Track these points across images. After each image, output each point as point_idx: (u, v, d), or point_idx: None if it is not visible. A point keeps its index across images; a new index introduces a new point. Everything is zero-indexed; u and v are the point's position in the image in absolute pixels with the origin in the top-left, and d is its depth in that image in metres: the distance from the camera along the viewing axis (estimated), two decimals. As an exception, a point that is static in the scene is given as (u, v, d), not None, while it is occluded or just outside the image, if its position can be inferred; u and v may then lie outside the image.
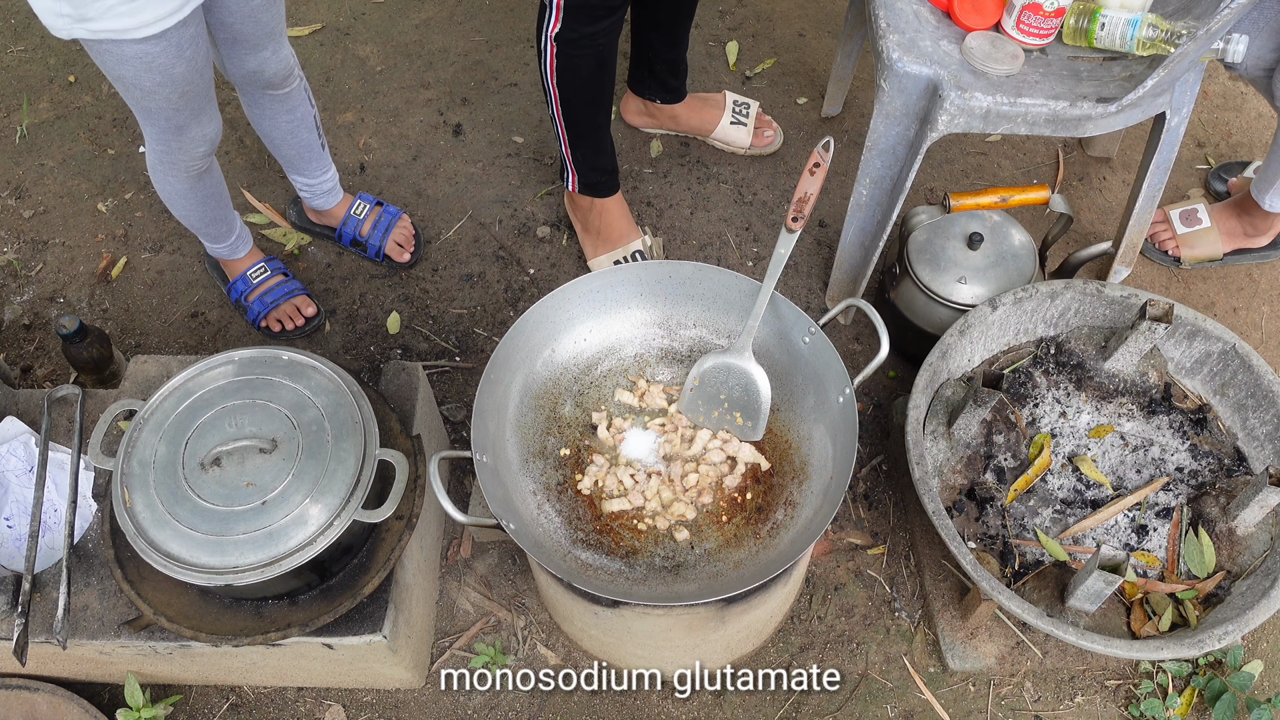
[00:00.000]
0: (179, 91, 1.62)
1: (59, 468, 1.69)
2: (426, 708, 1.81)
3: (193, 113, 1.69)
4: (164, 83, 1.58)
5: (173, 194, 1.90)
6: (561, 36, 1.77)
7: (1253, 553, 1.66)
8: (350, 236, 2.29)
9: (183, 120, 1.69)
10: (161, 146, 1.76)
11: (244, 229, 2.14)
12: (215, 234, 2.07)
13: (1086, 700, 1.79)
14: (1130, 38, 1.61)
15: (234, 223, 2.09)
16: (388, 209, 2.31)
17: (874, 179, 1.87)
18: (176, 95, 1.62)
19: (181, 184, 1.86)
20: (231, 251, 2.14)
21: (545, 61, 1.83)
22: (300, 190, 2.24)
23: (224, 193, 2.00)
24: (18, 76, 2.69)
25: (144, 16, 1.47)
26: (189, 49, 1.57)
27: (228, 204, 2.04)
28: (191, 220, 2.00)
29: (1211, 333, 1.77)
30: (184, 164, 1.80)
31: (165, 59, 1.54)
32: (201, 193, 1.91)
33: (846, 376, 1.45)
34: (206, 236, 2.08)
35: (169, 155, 1.78)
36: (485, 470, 1.41)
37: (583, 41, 1.77)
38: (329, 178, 2.22)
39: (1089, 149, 2.48)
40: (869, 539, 1.95)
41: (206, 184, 1.90)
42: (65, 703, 1.68)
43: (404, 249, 2.30)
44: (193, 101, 1.66)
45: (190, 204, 1.94)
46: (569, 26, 1.75)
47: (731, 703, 1.80)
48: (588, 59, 1.82)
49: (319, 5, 2.83)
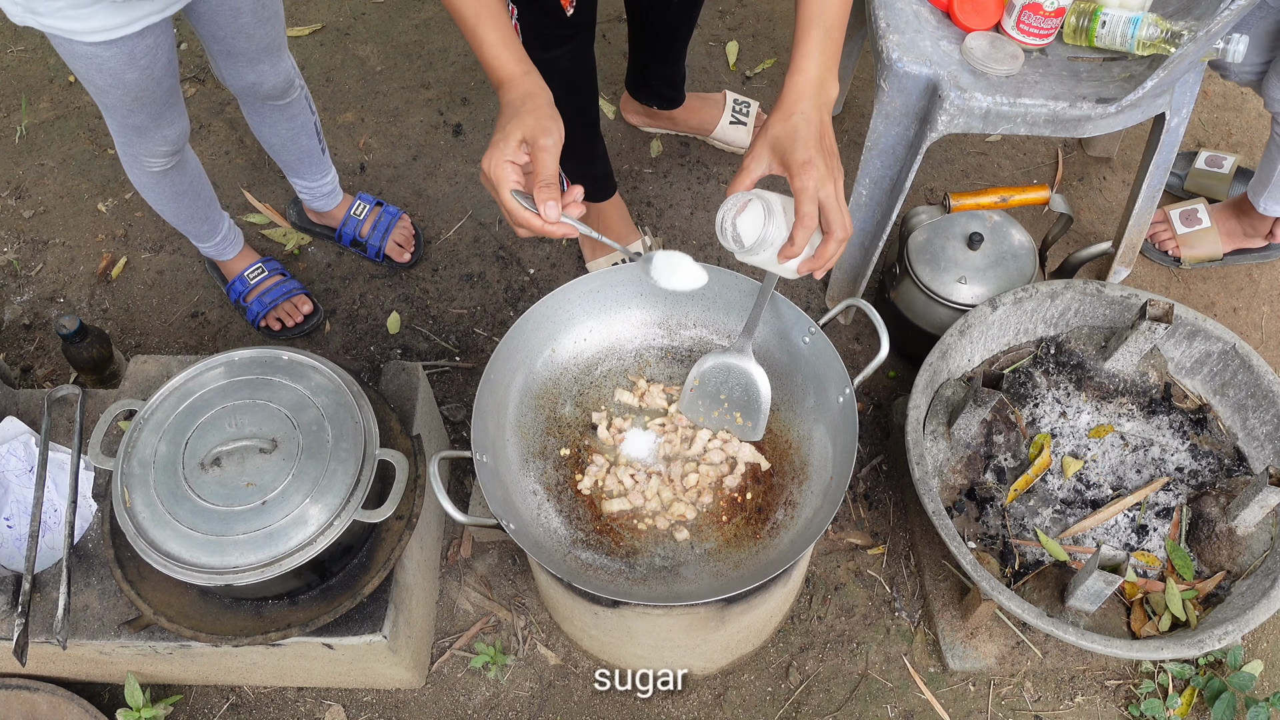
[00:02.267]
0: (132, 96, 1.60)
1: (59, 468, 1.69)
2: (426, 708, 1.81)
3: (150, 116, 1.67)
4: (115, 85, 1.57)
5: (141, 186, 1.90)
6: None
7: (1253, 553, 1.66)
8: (350, 237, 2.29)
9: (139, 122, 1.68)
10: (123, 140, 1.76)
11: (233, 231, 2.14)
12: (197, 233, 2.07)
13: (1086, 700, 1.79)
14: (1131, 37, 1.61)
15: (219, 224, 2.08)
16: (387, 209, 2.31)
17: (874, 179, 1.87)
18: (130, 99, 1.61)
19: (146, 178, 1.86)
20: (219, 252, 2.14)
21: None
22: (300, 192, 2.24)
23: (203, 191, 1.99)
24: (18, 76, 2.69)
25: (92, 24, 1.45)
26: (144, 59, 1.55)
27: (209, 203, 2.02)
28: (167, 215, 1.99)
29: (1211, 333, 1.77)
30: (145, 161, 1.80)
31: (115, 64, 1.53)
32: (171, 189, 1.90)
33: (846, 376, 1.45)
34: (189, 235, 2.08)
35: (129, 149, 1.78)
36: (485, 470, 1.41)
37: (546, 65, 1.76)
38: (328, 180, 2.22)
39: (1089, 149, 2.48)
40: (869, 539, 1.95)
41: (176, 181, 1.89)
42: (65, 703, 1.68)
43: (404, 249, 2.30)
44: (148, 107, 1.65)
45: (160, 199, 1.93)
46: (529, 49, 1.75)
47: (731, 703, 1.80)
48: (556, 83, 1.81)
49: (319, 5, 2.83)
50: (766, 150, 1.23)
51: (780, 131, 1.22)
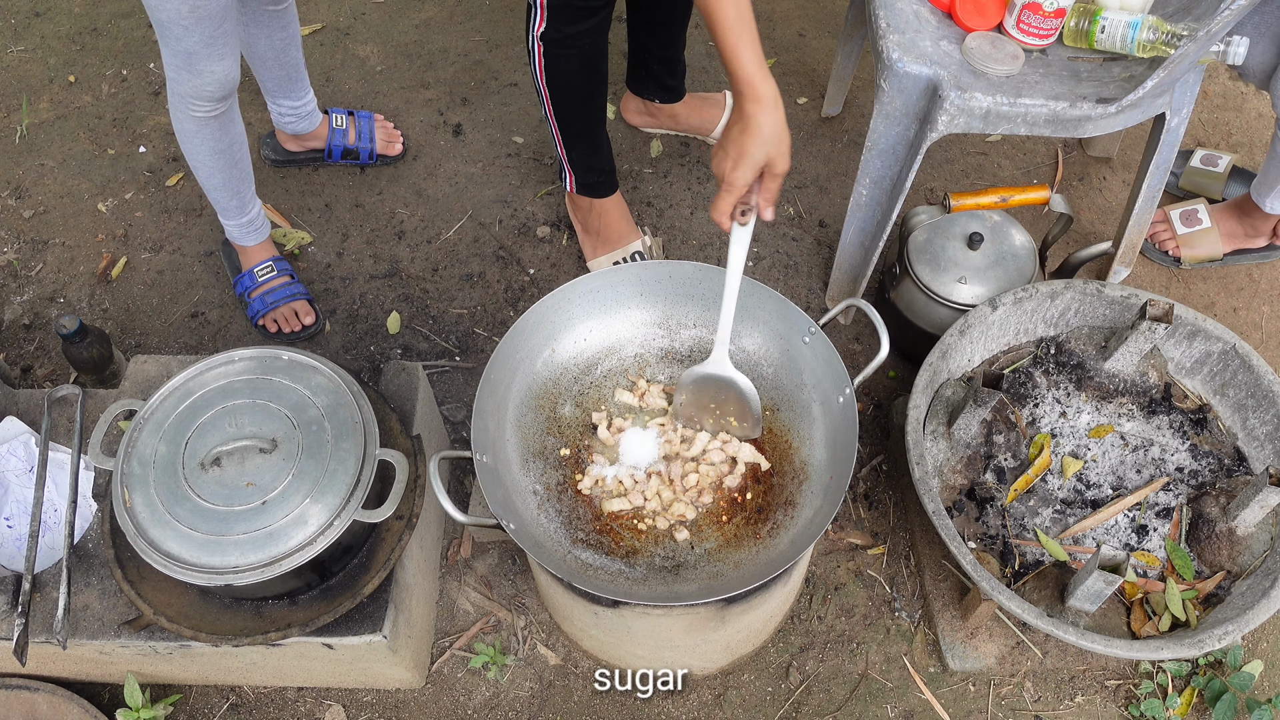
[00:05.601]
0: (189, 5, 1.60)
1: (59, 468, 1.69)
2: (426, 708, 1.81)
3: (203, 39, 1.67)
4: None
5: (184, 135, 1.89)
6: (547, 36, 1.79)
7: (1253, 553, 1.66)
8: (340, 149, 2.40)
9: (191, 45, 1.67)
10: (174, 74, 1.75)
11: (261, 217, 2.13)
12: (227, 206, 2.06)
13: (1086, 700, 1.79)
14: (1131, 40, 1.61)
15: (249, 204, 2.08)
16: (360, 114, 2.44)
17: (874, 179, 1.87)
18: (187, 9, 1.61)
19: (190, 124, 1.85)
20: (243, 236, 2.13)
21: (535, 61, 1.85)
22: (283, 116, 2.31)
23: (241, 161, 1.98)
24: (18, 76, 2.69)
25: None
26: None
27: (244, 177, 2.02)
28: (202, 176, 1.98)
29: (1211, 333, 1.77)
30: (192, 100, 1.79)
31: None
32: (211, 142, 1.89)
33: (846, 376, 1.45)
34: (219, 207, 2.06)
35: (179, 86, 1.77)
36: (485, 470, 1.41)
37: (568, 41, 1.79)
38: (310, 98, 2.31)
39: (1089, 149, 2.48)
40: (869, 539, 1.95)
41: (218, 135, 1.89)
42: (65, 703, 1.68)
43: (393, 143, 2.44)
44: (204, 24, 1.65)
45: (199, 151, 1.92)
46: (553, 26, 1.76)
47: (731, 703, 1.80)
48: (574, 58, 1.84)
49: (319, 5, 2.83)
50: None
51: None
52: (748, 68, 1.34)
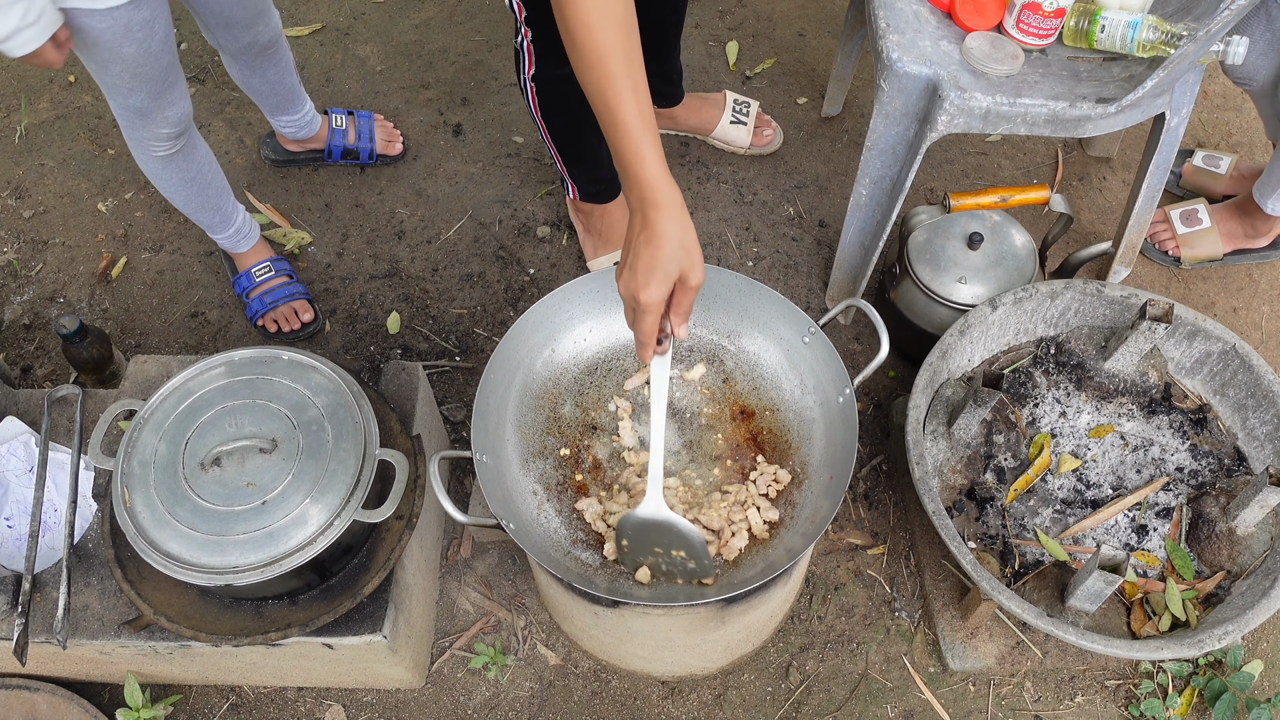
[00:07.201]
0: (130, 73, 1.60)
1: (59, 468, 1.69)
2: (426, 708, 1.81)
3: (150, 95, 1.67)
4: (112, 60, 1.57)
5: (150, 173, 1.90)
6: (538, 78, 1.79)
7: (1253, 553, 1.66)
8: (340, 149, 2.40)
9: (139, 102, 1.68)
10: (126, 123, 1.76)
11: (249, 223, 2.14)
12: (210, 223, 2.07)
13: (1086, 700, 1.79)
14: (1130, 40, 1.61)
15: (232, 215, 2.08)
16: (359, 114, 2.44)
17: (874, 179, 1.87)
18: (128, 76, 1.60)
19: (154, 163, 1.86)
20: (234, 244, 2.14)
21: (529, 100, 1.85)
22: (284, 128, 2.32)
23: (214, 181, 1.99)
24: (18, 76, 2.69)
25: None
26: (140, 32, 1.55)
27: (220, 193, 2.02)
28: (178, 203, 1.99)
29: (1211, 333, 1.77)
30: (150, 145, 1.80)
31: (110, 38, 1.52)
32: (178, 175, 1.90)
33: (846, 376, 1.45)
34: (202, 225, 2.08)
35: (134, 133, 1.78)
36: (485, 470, 1.41)
37: (559, 81, 1.77)
38: (309, 108, 2.32)
39: (1089, 149, 2.48)
40: (869, 539, 1.95)
41: (184, 167, 1.89)
42: (65, 703, 1.68)
43: (393, 143, 2.45)
44: (147, 85, 1.65)
45: (169, 185, 1.93)
46: (542, 69, 1.77)
47: (731, 703, 1.80)
48: (569, 94, 1.81)
49: (319, 5, 2.83)
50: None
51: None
52: (650, 171, 1.18)
